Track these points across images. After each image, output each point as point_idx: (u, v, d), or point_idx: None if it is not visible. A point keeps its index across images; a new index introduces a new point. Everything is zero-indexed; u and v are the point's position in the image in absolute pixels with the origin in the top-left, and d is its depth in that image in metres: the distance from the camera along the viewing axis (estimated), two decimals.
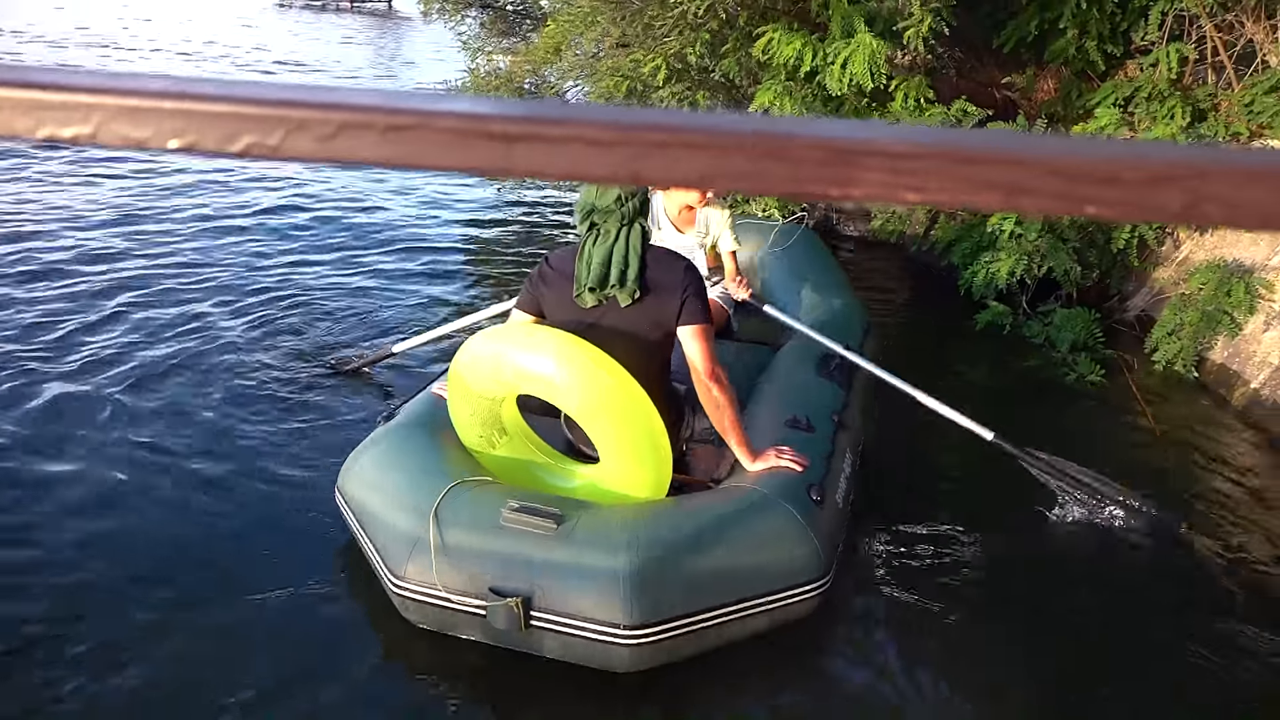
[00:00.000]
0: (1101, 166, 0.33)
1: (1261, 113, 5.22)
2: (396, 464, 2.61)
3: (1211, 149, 0.34)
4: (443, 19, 6.47)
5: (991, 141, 0.34)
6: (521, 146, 0.35)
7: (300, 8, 27.61)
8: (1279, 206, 0.33)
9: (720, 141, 0.34)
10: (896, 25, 5.06)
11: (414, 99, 0.36)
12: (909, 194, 0.34)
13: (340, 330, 4.56)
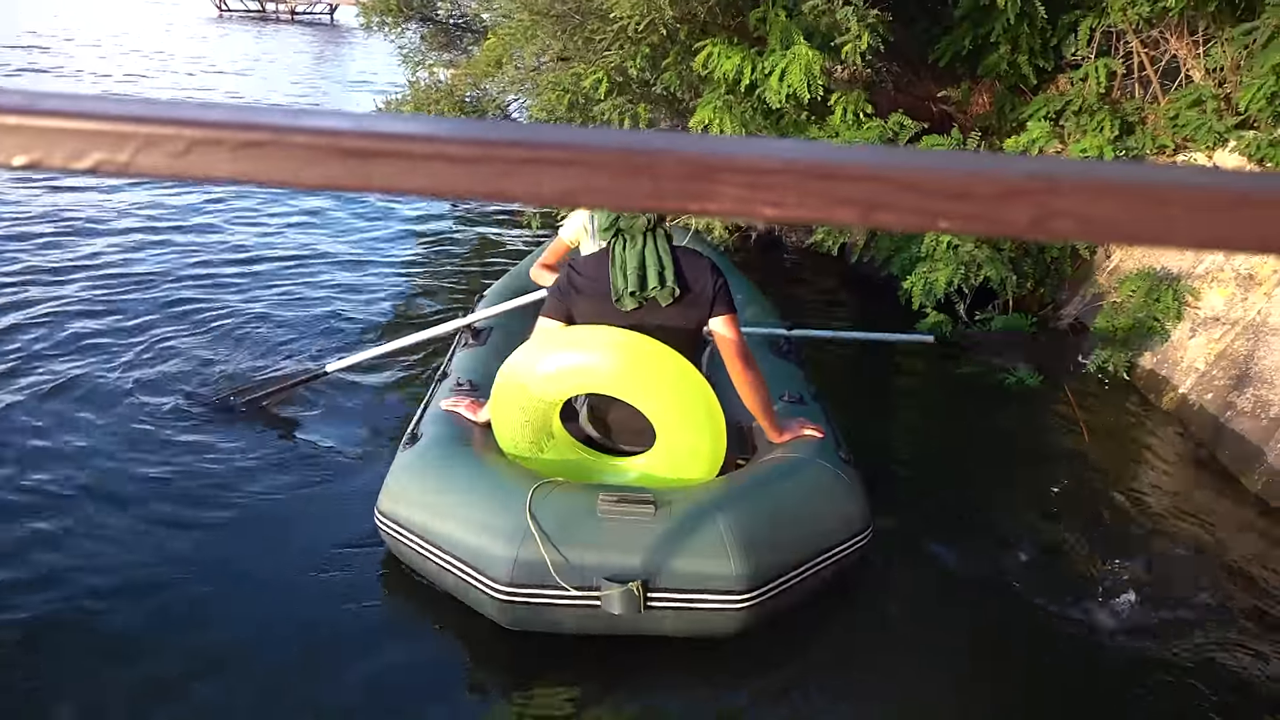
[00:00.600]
0: (954, 182, 0.34)
1: (1185, 125, 5.39)
2: (454, 481, 2.67)
3: (1062, 163, 0.34)
4: (382, 32, 6.42)
5: (848, 157, 0.34)
6: (380, 163, 0.34)
7: (240, 19, 27.26)
8: (1128, 220, 0.34)
9: (584, 158, 0.34)
10: (834, 41, 5.13)
11: (268, 114, 0.35)
12: (767, 209, 0.34)
13: (259, 353, 4.41)
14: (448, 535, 2.57)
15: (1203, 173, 0.34)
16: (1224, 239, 0.34)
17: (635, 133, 0.36)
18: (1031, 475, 3.75)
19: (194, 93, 12.70)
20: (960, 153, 0.36)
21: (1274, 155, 4.77)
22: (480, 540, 2.50)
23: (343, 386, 4.02)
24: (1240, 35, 5.12)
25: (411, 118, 0.36)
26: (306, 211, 6.75)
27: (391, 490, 2.74)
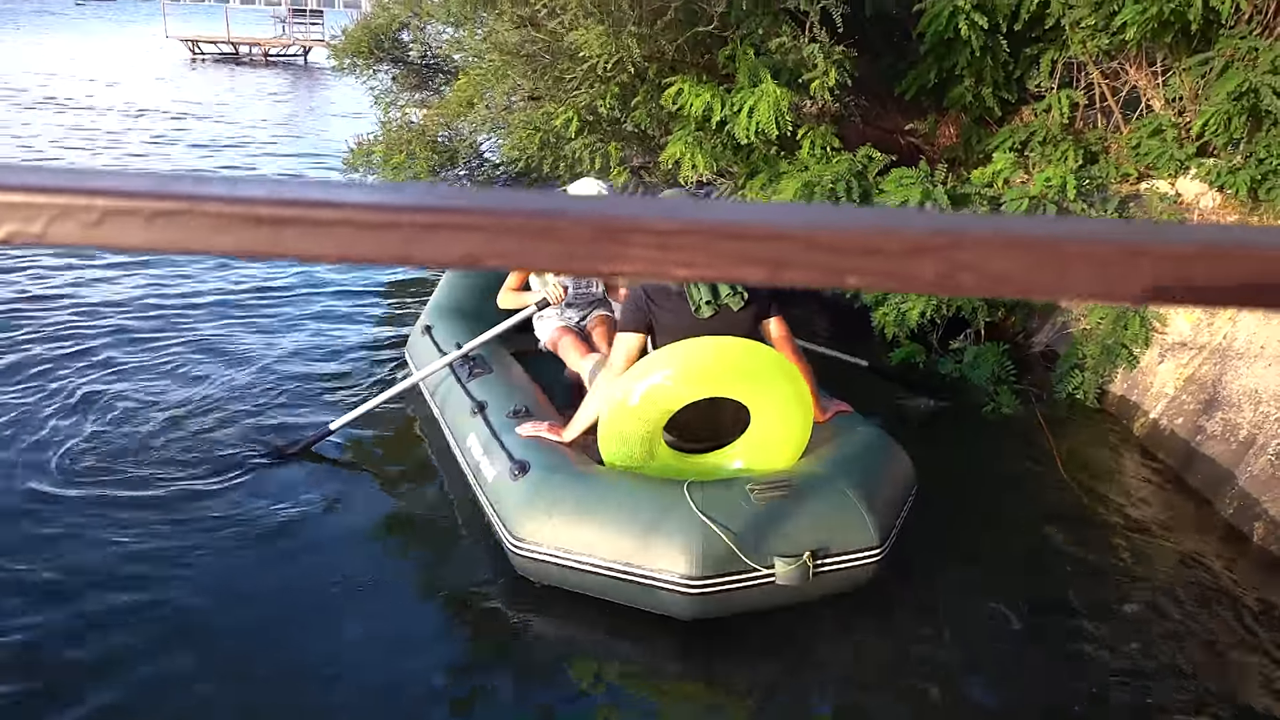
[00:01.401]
0: (861, 239, 0.34)
1: (1147, 154, 5.48)
2: (602, 497, 2.84)
3: (968, 219, 0.35)
4: (354, 74, 6.46)
5: (754, 217, 0.35)
6: (290, 230, 0.34)
7: (214, 62, 27.32)
8: (1026, 274, 0.34)
9: (488, 223, 0.34)
10: (802, 77, 5.21)
11: (181, 182, 0.35)
12: (678, 269, 0.35)
13: (274, 405, 4.33)
14: (619, 547, 2.73)
15: (1099, 225, 0.35)
16: (1118, 291, 0.35)
17: (543, 195, 0.37)
18: (1005, 501, 3.77)
19: (170, 134, 12.70)
20: (867, 209, 0.37)
21: (1232, 182, 4.86)
22: (658, 544, 2.69)
23: (349, 440, 3.95)
24: (1196, 65, 5.23)
25: (322, 184, 0.37)
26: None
27: (531, 518, 2.85)
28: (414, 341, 4.41)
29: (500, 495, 2.99)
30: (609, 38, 4.64)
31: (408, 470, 3.83)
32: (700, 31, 5.17)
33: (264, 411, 4.21)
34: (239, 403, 4.28)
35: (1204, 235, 0.35)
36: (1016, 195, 5.01)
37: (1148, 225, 0.35)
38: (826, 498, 2.84)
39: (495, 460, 3.11)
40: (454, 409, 3.61)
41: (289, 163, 11.23)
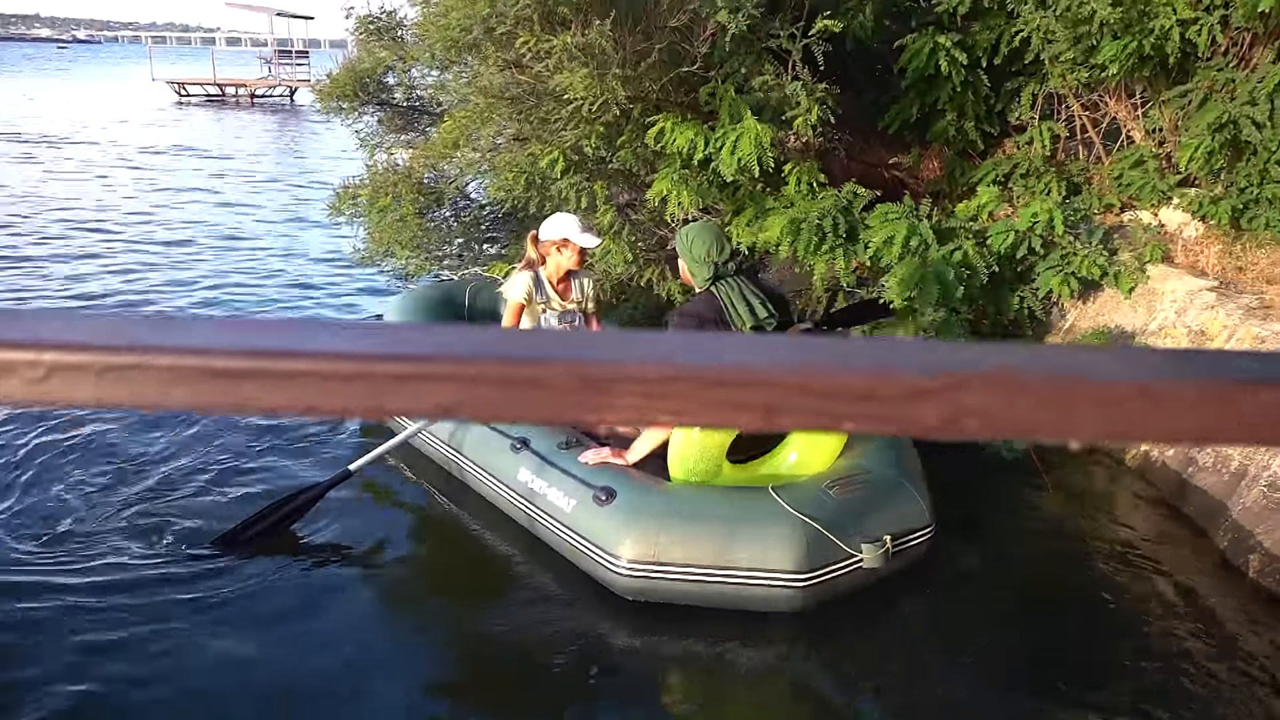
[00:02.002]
0: (856, 384, 0.32)
1: (1130, 185, 5.53)
2: (699, 512, 3.06)
3: (971, 355, 0.33)
4: (340, 117, 6.47)
5: (743, 362, 0.33)
6: (250, 384, 0.32)
7: (200, 104, 27.43)
8: (1034, 418, 0.32)
9: (465, 373, 0.32)
10: (785, 114, 5.24)
11: (134, 330, 0.33)
12: (665, 417, 0.33)
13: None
14: (728, 553, 2.94)
15: (1109, 362, 0.34)
16: (1129, 432, 0.33)
17: (526, 337, 0.35)
18: (999, 533, 3.75)
19: (157, 179, 12.70)
20: (864, 344, 0.35)
21: (1215, 211, 4.90)
22: (764, 546, 2.93)
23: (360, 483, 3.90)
24: (1175, 98, 5.29)
25: (285, 327, 0.35)
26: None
27: (636, 538, 3.01)
28: None
29: (589, 522, 3.11)
30: (594, 80, 4.66)
31: (434, 512, 3.84)
32: (684, 71, 5.20)
33: (253, 470, 4.14)
34: (228, 459, 4.22)
35: (1220, 368, 0.33)
36: (1002, 229, 5.03)
37: (1152, 360, 0.33)
38: (888, 487, 3.22)
39: (569, 490, 3.23)
40: (485, 448, 3.66)
41: (277, 205, 11.23)
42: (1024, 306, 5.17)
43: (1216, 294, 4.41)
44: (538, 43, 4.67)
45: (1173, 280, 4.66)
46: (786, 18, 5.29)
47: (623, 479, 3.20)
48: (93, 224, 9.48)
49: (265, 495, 3.78)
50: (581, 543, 3.14)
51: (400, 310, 4.93)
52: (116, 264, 7.80)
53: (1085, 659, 2.96)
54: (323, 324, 0.35)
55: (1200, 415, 0.32)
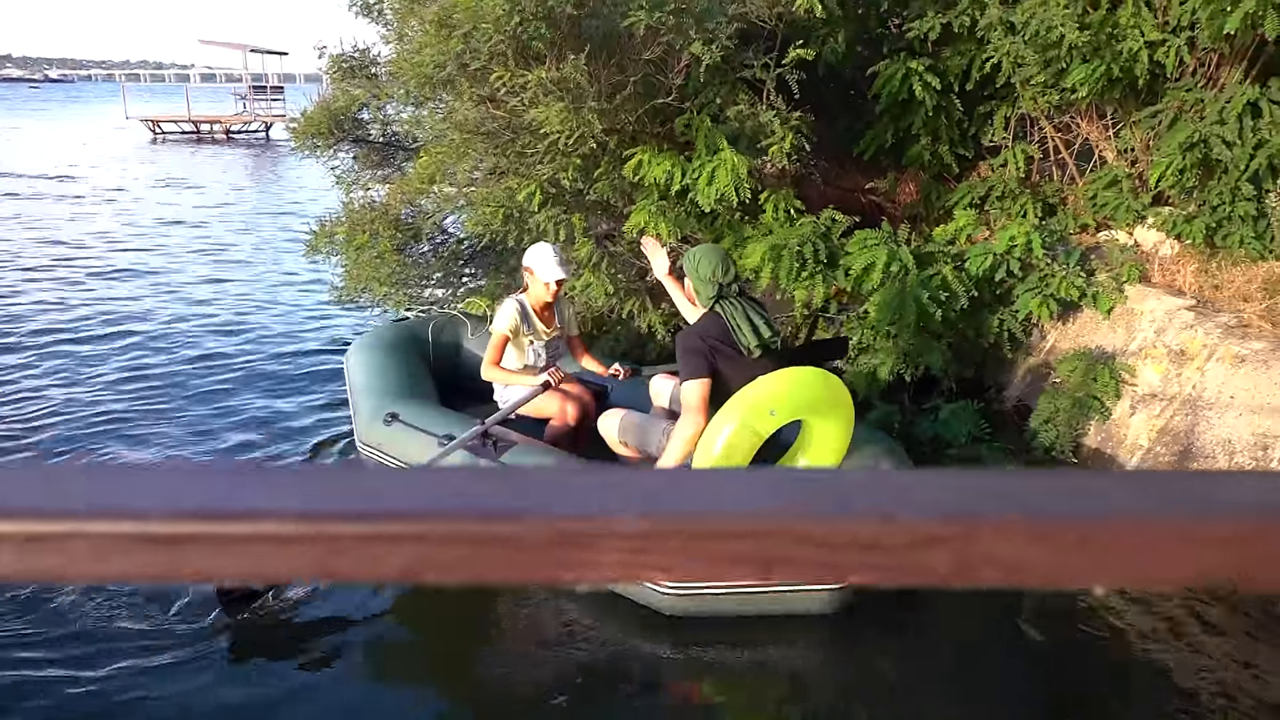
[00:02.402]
0: (858, 531, 0.29)
1: (1105, 205, 5.57)
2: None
3: (984, 495, 0.31)
4: (315, 155, 6.44)
5: (738, 511, 0.30)
6: (192, 549, 0.29)
7: (175, 141, 27.33)
8: (1056, 564, 0.30)
9: (430, 531, 0.29)
10: (760, 143, 5.25)
11: (65, 494, 0.30)
12: (656, 573, 0.30)
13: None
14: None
15: (1137, 494, 0.31)
16: (1164, 576, 0.30)
17: (497, 484, 0.32)
18: None
19: (130, 217, 12.61)
20: (870, 480, 0.32)
21: (1189, 230, 4.94)
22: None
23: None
24: (1146, 118, 5.34)
25: (234, 480, 0.31)
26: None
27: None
28: (374, 433, 4.25)
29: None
30: (569, 113, 4.66)
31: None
32: (660, 103, 5.21)
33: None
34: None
35: (1264, 494, 0.30)
36: (980, 252, 5.04)
37: (1181, 501, 0.31)
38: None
39: None
40: None
41: (253, 241, 11.16)
42: (1003, 329, 5.18)
43: (1194, 313, 4.43)
44: (512, 78, 4.67)
45: (1150, 300, 4.68)
46: (760, 48, 5.31)
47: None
48: (63, 265, 9.40)
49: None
50: None
51: (363, 351, 4.85)
52: (87, 306, 7.72)
53: (1076, 687, 2.94)
54: (271, 473, 0.32)
55: (1243, 555, 0.30)
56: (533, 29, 4.53)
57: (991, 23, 5.42)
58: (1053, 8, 5.12)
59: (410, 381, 4.60)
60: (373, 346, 4.88)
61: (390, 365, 4.69)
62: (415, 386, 4.57)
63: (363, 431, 4.34)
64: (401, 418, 4.19)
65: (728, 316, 3.47)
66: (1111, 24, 5.16)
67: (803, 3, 5.02)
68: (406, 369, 4.70)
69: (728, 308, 3.48)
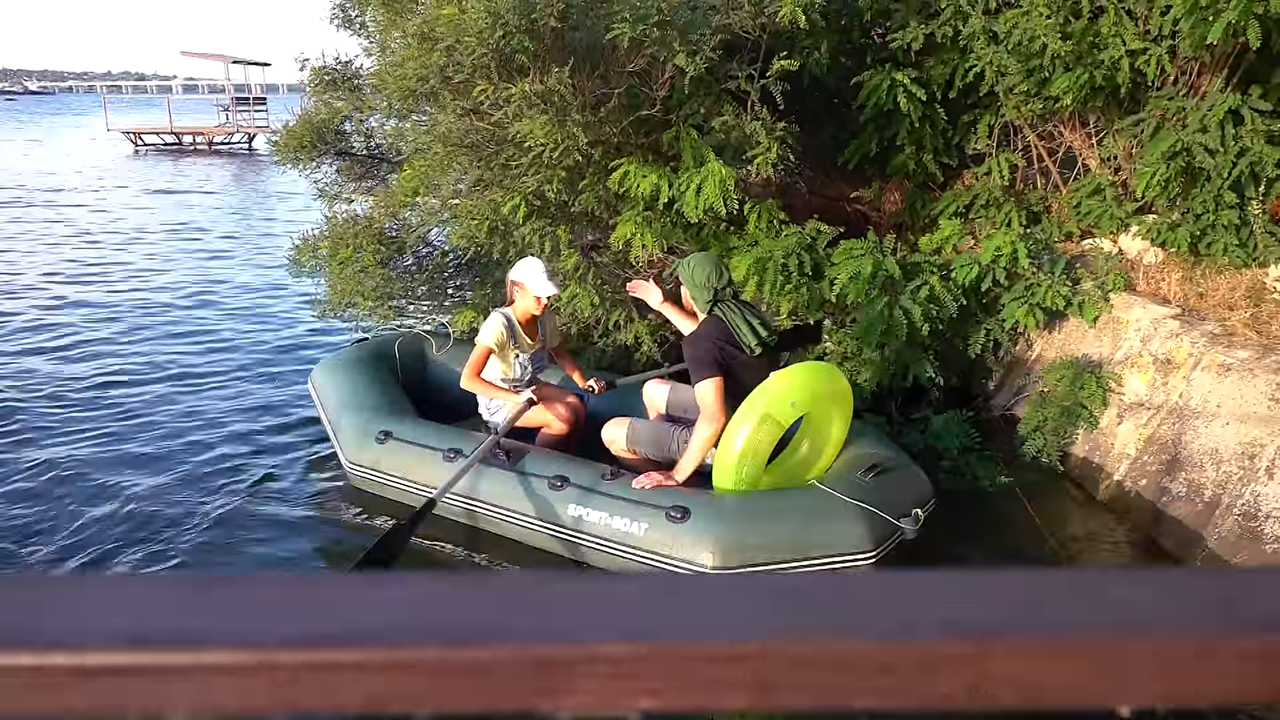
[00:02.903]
0: (864, 653, 0.27)
1: (1089, 213, 5.59)
2: (767, 514, 3.43)
3: (1001, 610, 0.28)
4: (297, 169, 6.39)
5: (727, 631, 0.27)
6: (135, 684, 0.27)
7: (157, 152, 27.18)
8: (1079, 683, 0.27)
9: (394, 660, 0.27)
10: (746, 153, 5.25)
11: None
12: (642, 700, 0.27)
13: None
14: (807, 544, 3.32)
15: (1154, 603, 0.29)
16: (1188, 695, 0.28)
17: (470, 602, 0.29)
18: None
19: (110, 231, 12.52)
20: (871, 584, 0.30)
21: (1174, 238, 4.95)
22: (833, 534, 3.33)
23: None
24: (1129, 127, 5.36)
25: (184, 597, 0.29)
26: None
27: (726, 545, 3.33)
28: (365, 453, 4.26)
29: (669, 539, 3.40)
30: (554, 126, 4.64)
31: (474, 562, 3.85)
32: (644, 114, 5.20)
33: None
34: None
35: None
36: (966, 262, 5.05)
37: (1212, 613, 0.28)
38: (900, 466, 3.69)
39: (635, 515, 3.48)
40: (519, 492, 3.77)
41: (235, 253, 11.09)
42: (990, 338, 5.18)
43: (1180, 321, 4.43)
44: (496, 91, 4.65)
45: (1136, 308, 4.69)
46: (744, 59, 5.31)
47: (685, 497, 3.49)
48: (41, 281, 9.31)
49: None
50: (660, 560, 3.38)
51: (332, 372, 4.83)
52: (65, 316, 7.64)
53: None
54: (230, 588, 0.29)
55: (1271, 673, 0.27)
56: (516, 42, 4.51)
57: (974, 32, 5.44)
58: (1035, 17, 5.14)
59: (388, 399, 4.59)
60: (341, 366, 4.88)
61: (364, 384, 4.69)
62: (394, 404, 4.57)
63: (351, 452, 4.32)
64: (395, 435, 4.19)
65: (728, 319, 3.65)
66: (1093, 33, 5.19)
67: (786, 14, 5.02)
68: (380, 387, 4.69)
69: (726, 311, 3.66)
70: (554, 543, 3.71)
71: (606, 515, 3.53)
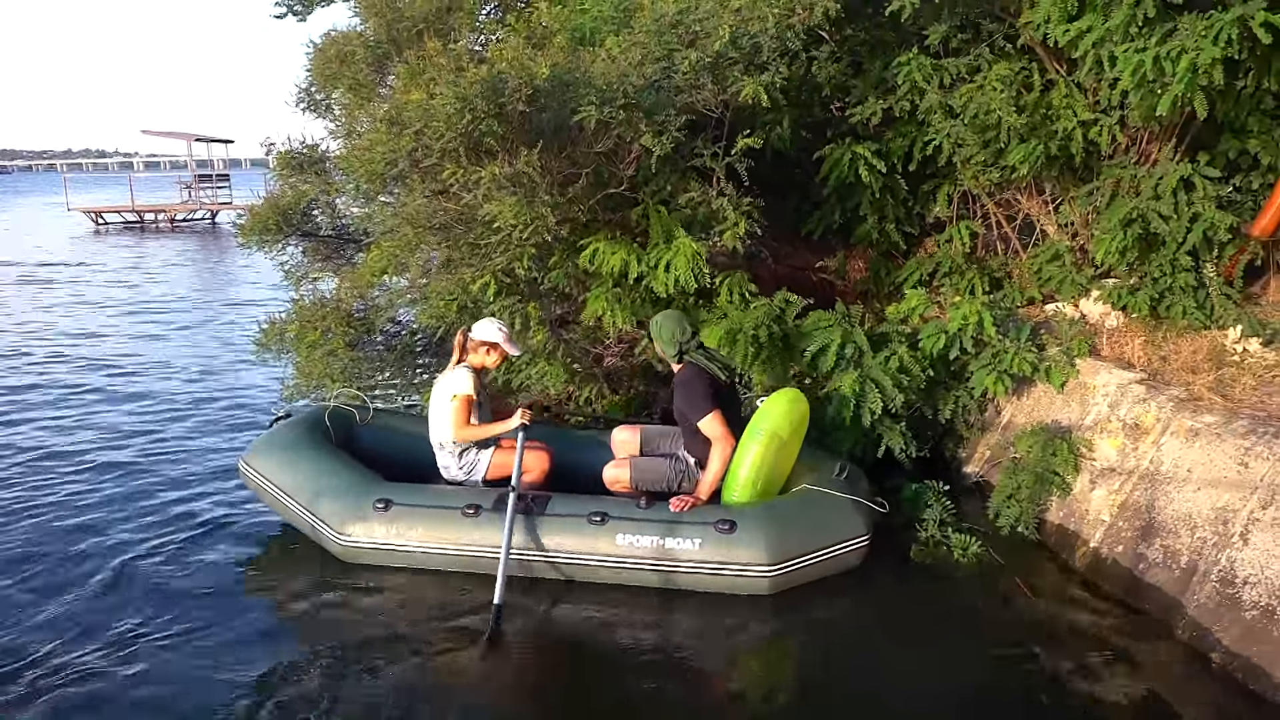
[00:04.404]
0: None
1: (1050, 279, 5.69)
2: (798, 517, 4.14)
3: None
4: (263, 251, 6.36)
5: None
6: None
7: (118, 230, 27.01)
8: None
9: None
10: (714, 227, 5.31)
11: None
12: None
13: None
14: (832, 536, 4.07)
15: None
16: None
17: None
18: (966, 643, 3.68)
19: (66, 309, 12.35)
20: None
21: (1134, 303, 5.05)
22: (848, 524, 4.12)
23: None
24: (1084, 196, 5.50)
25: None
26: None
27: (776, 546, 3.98)
28: (361, 526, 4.31)
29: (724, 549, 3.97)
30: (523, 207, 4.67)
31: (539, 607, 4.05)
32: (611, 192, 5.25)
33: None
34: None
35: None
36: (933, 332, 5.10)
37: None
38: (848, 465, 4.48)
39: (686, 534, 4.00)
40: (563, 535, 4.12)
41: (197, 331, 10.97)
42: (960, 406, 5.22)
43: (1146, 386, 4.49)
44: (465, 174, 4.67)
45: (1102, 373, 4.75)
46: (708, 136, 5.40)
47: (723, 510, 4.13)
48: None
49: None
50: (717, 568, 3.97)
51: (269, 456, 4.79)
52: (16, 401, 7.47)
53: None
54: None
55: None
56: (485, 126, 4.55)
57: (931, 106, 5.58)
58: (989, 91, 5.29)
59: (355, 470, 4.58)
60: (281, 446, 4.81)
61: (322, 459, 4.67)
62: (364, 474, 4.56)
63: (342, 525, 4.32)
64: (398, 501, 4.31)
65: (700, 364, 4.38)
66: (1045, 105, 5.35)
67: (749, 93, 5.12)
68: (338, 460, 4.69)
69: (698, 357, 4.40)
70: (607, 572, 4.10)
71: (658, 538, 4.01)
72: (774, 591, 4.01)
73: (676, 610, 4.00)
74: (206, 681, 3.47)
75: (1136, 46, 4.40)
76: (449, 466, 4.72)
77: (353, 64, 6.25)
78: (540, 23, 6.01)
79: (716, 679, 3.60)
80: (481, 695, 3.41)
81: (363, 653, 3.67)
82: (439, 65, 4.77)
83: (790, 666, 3.76)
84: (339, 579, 4.30)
